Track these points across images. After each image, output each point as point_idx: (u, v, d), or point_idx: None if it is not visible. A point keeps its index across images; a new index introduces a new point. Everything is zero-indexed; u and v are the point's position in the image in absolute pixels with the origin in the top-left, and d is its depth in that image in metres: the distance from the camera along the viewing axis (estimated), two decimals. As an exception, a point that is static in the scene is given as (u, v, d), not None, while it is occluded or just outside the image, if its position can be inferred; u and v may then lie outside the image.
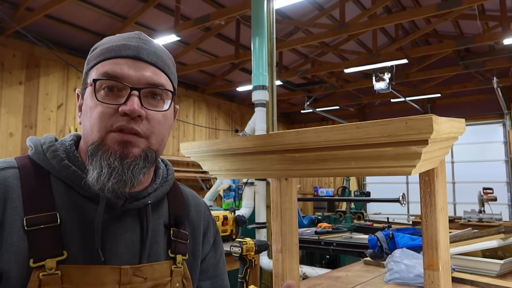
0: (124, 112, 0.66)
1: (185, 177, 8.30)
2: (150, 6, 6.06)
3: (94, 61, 0.72)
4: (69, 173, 0.69)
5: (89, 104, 0.70)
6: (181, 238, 0.79)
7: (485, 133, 9.40)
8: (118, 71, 0.68)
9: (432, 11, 5.50)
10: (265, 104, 3.57)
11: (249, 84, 6.58)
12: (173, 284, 0.74)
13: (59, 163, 0.70)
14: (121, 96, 0.68)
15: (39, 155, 0.72)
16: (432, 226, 0.73)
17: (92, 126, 0.68)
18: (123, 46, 0.71)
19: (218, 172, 0.91)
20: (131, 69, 0.69)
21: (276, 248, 0.97)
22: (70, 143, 0.75)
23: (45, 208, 0.65)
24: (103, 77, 0.68)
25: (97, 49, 0.73)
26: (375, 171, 0.64)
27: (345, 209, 5.70)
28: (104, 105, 0.67)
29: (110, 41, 0.73)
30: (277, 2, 4.59)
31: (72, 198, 0.69)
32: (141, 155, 0.68)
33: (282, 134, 0.71)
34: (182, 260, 0.77)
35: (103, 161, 0.66)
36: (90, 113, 0.69)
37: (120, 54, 0.70)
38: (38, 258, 0.62)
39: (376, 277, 1.78)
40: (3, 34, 5.71)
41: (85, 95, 0.72)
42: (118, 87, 0.69)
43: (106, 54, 0.71)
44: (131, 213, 0.73)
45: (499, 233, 2.13)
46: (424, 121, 0.54)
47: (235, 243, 1.63)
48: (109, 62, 0.70)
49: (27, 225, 0.63)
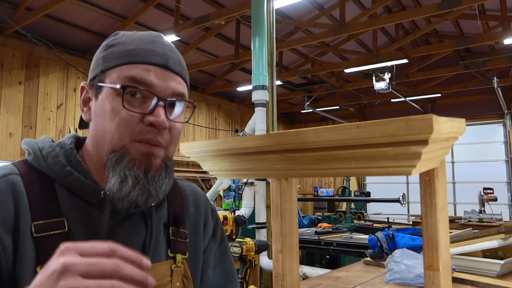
0: (150, 123, 0.65)
1: (185, 177, 8.28)
2: (150, 6, 6.06)
3: (116, 61, 0.68)
4: (72, 180, 0.68)
5: (110, 107, 0.67)
6: (180, 237, 0.79)
7: (485, 133, 9.40)
8: (146, 78, 0.66)
9: (432, 11, 5.50)
10: (265, 104, 3.57)
11: (249, 84, 6.57)
12: (174, 283, 0.74)
13: (61, 170, 0.68)
14: (144, 104, 0.67)
15: (39, 161, 0.69)
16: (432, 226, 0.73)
17: (114, 132, 0.66)
18: (150, 52, 0.68)
19: (218, 172, 0.91)
20: (159, 78, 0.67)
21: (276, 248, 0.96)
22: (71, 147, 0.73)
23: (52, 215, 0.64)
24: (130, 83, 0.66)
25: (118, 47, 0.70)
26: (375, 171, 0.64)
27: (345, 209, 5.71)
28: (129, 112, 0.65)
29: (132, 41, 0.70)
30: (277, 2, 4.59)
31: (76, 204, 0.68)
32: (162, 166, 0.69)
33: (282, 134, 0.71)
34: (182, 259, 0.77)
35: (128, 171, 0.65)
36: (112, 117, 0.66)
37: (149, 61, 0.68)
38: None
39: (376, 277, 1.78)
40: (2, 34, 5.71)
41: (102, 95, 0.68)
42: (143, 94, 0.67)
43: (132, 57, 0.68)
44: (135, 216, 0.73)
45: (500, 233, 2.12)
46: (424, 121, 0.53)
47: (235, 243, 1.63)
48: (136, 67, 0.67)
49: (35, 231, 0.62)
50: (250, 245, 1.63)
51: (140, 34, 0.73)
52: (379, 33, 7.88)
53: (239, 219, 3.42)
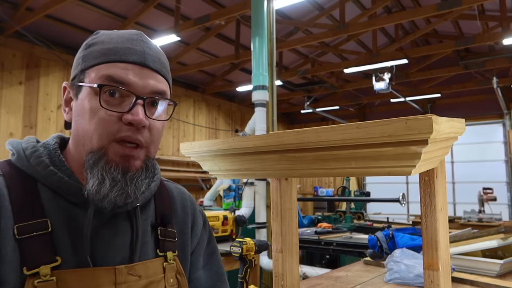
0: (128, 122, 0.65)
1: (185, 177, 8.30)
2: (150, 6, 6.06)
3: (95, 60, 0.68)
4: (55, 180, 0.67)
5: (88, 107, 0.66)
6: (168, 236, 0.79)
7: (485, 133, 9.40)
8: (124, 77, 0.66)
9: (432, 11, 5.50)
10: (265, 104, 3.58)
11: (249, 84, 6.58)
12: (167, 280, 0.75)
13: (44, 170, 0.67)
14: (123, 103, 0.66)
15: (22, 161, 0.68)
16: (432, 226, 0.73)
17: (92, 132, 0.65)
18: (128, 50, 0.68)
19: (218, 172, 0.91)
20: (137, 76, 0.67)
21: (276, 248, 0.97)
22: (54, 147, 0.72)
23: (35, 215, 0.64)
24: (107, 82, 0.66)
25: (97, 47, 0.69)
26: (375, 171, 0.64)
27: (345, 209, 5.70)
28: (107, 111, 0.65)
29: (111, 40, 0.70)
30: (277, 2, 4.59)
31: (60, 205, 0.67)
32: (142, 167, 0.68)
33: (282, 134, 0.71)
34: (173, 256, 0.78)
35: (105, 173, 0.64)
36: (90, 117, 0.66)
37: (126, 59, 0.67)
38: (31, 266, 0.61)
39: (376, 277, 1.78)
40: (3, 34, 5.71)
41: (82, 95, 0.68)
42: (122, 93, 0.67)
43: (110, 56, 0.67)
44: (120, 216, 0.72)
45: (499, 233, 2.13)
46: (424, 121, 0.54)
47: (235, 243, 1.63)
48: (113, 66, 0.67)
49: (18, 234, 0.62)
50: (250, 245, 1.63)
51: (120, 33, 0.72)
52: (379, 33, 7.88)
53: (239, 219, 3.43)
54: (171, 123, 8.20)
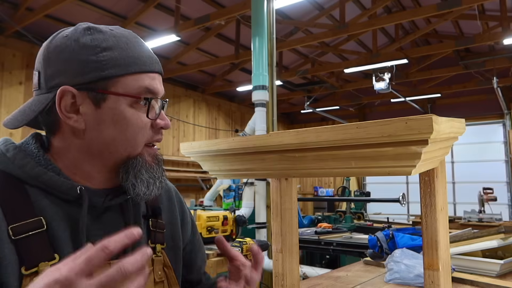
0: (161, 127, 0.74)
1: (185, 177, 8.30)
2: (150, 6, 6.06)
3: (124, 69, 0.68)
4: (46, 179, 0.67)
5: (125, 116, 0.69)
6: (159, 228, 0.81)
7: (485, 133, 9.40)
8: (156, 87, 0.72)
9: (432, 11, 5.50)
10: (265, 104, 3.57)
11: (249, 84, 6.58)
12: (156, 273, 0.76)
13: (32, 170, 0.67)
14: (152, 109, 0.73)
15: (6, 163, 0.68)
16: (432, 226, 0.73)
17: (130, 140, 0.71)
18: (151, 60, 0.73)
19: (218, 172, 0.91)
20: (160, 84, 0.74)
21: (276, 248, 0.97)
22: (37, 146, 0.71)
23: (28, 215, 0.64)
24: (146, 94, 0.71)
25: (115, 53, 0.68)
26: (375, 171, 0.64)
27: (345, 209, 5.71)
28: (146, 119, 0.72)
29: (128, 46, 0.70)
30: (277, 2, 4.59)
31: (52, 203, 0.67)
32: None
33: (282, 134, 0.71)
34: (161, 249, 0.80)
35: (150, 174, 0.73)
36: (128, 126, 0.70)
37: (153, 69, 0.73)
38: (30, 265, 0.61)
39: (376, 277, 1.78)
40: (3, 34, 5.71)
41: (110, 103, 0.68)
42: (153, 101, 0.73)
43: (141, 66, 0.70)
44: (113, 209, 0.74)
45: (499, 233, 2.13)
46: (424, 121, 0.54)
47: (235, 243, 1.63)
48: (147, 77, 0.71)
49: (13, 234, 0.62)
50: (250, 245, 1.63)
51: (123, 35, 0.71)
52: (379, 33, 7.88)
53: (239, 219, 3.42)
54: (171, 123, 8.20)
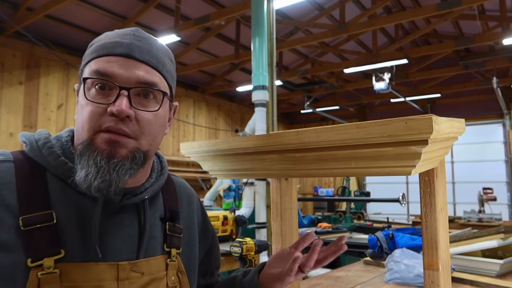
0: (112, 113, 0.66)
1: (185, 177, 8.29)
2: (150, 6, 6.06)
3: (88, 58, 0.71)
4: (65, 170, 0.69)
5: (81, 102, 0.70)
6: (176, 232, 0.80)
7: (485, 133, 9.41)
8: (109, 69, 0.67)
9: (432, 11, 5.50)
10: (265, 104, 3.57)
11: (249, 84, 6.58)
12: (169, 277, 0.75)
13: (55, 160, 0.69)
14: (111, 95, 0.67)
15: (34, 151, 0.70)
16: (432, 226, 0.73)
17: (83, 125, 0.68)
18: (115, 44, 0.70)
19: (218, 172, 0.91)
20: (122, 68, 0.68)
21: (276, 248, 0.97)
22: (66, 139, 0.74)
23: (41, 207, 0.65)
24: (93, 76, 0.68)
25: (93, 46, 0.73)
26: (375, 171, 0.64)
27: (345, 209, 5.71)
28: (94, 104, 0.67)
29: (106, 37, 0.73)
30: (277, 2, 4.59)
31: (68, 195, 0.68)
32: (129, 156, 0.68)
33: (282, 134, 0.71)
34: (176, 254, 0.78)
35: (91, 160, 0.65)
36: (81, 112, 0.69)
37: (112, 52, 0.69)
38: (35, 258, 0.62)
39: (376, 277, 1.78)
40: (3, 34, 5.71)
41: (79, 93, 0.71)
42: (109, 86, 0.68)
43: (99, 52, 0.70)
44: (128, 208, 0.73)
45: (499, 233, 2.13)
46: (424, 121, 0.54)
47: (235, 243, 1.63)
48: (101, 60, 0.69)
49: (23, 225, 0.63)
50: (250, 245, 1.63)
51: (118, 30, 0.75)
52: (379, 33, 7.88)
53: (239, 219, 3.43)
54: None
